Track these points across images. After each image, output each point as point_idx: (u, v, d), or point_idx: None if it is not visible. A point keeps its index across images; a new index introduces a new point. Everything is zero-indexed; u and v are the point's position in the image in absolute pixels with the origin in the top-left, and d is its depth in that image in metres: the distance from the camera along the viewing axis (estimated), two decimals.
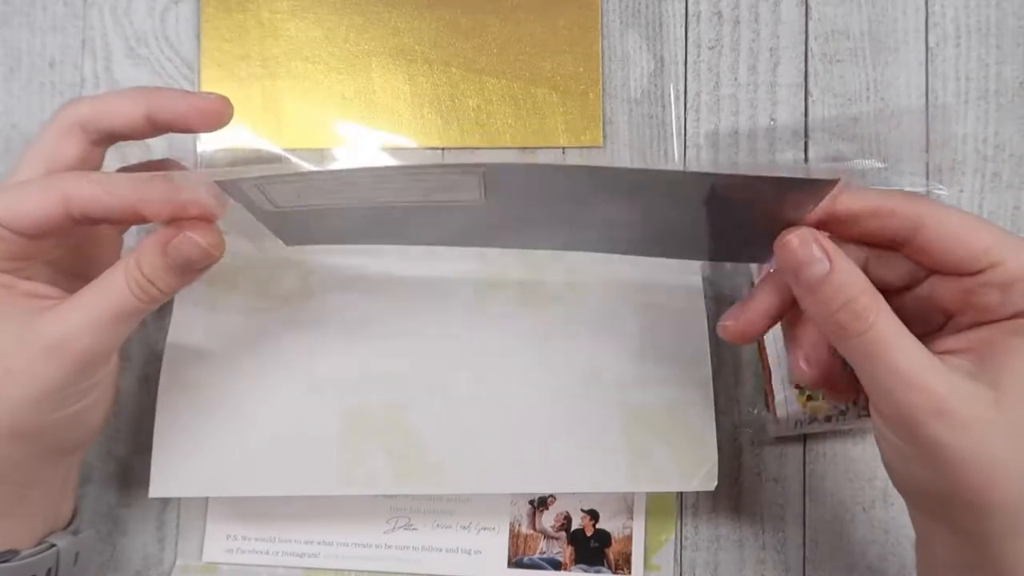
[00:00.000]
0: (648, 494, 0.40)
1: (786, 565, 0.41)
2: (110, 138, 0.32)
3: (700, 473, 0.38)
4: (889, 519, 0.41)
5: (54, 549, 0.32)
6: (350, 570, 0.40)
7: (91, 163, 0.32)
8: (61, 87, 0.41)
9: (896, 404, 0.28)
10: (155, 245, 0.30)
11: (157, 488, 0.37)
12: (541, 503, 0.40)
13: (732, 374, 0.41)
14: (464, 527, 0.40)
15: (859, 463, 0.41)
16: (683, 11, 0.42)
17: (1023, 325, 0.28)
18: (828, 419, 0.39)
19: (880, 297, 0.28)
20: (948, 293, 0.30)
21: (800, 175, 0.28)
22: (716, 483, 0.37)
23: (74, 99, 0.32)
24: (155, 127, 0.32)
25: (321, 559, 0.40)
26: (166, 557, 0.40)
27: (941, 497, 0.29)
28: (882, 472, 0.32)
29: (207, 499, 0.40)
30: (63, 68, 0.41)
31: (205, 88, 0.41)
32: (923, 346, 0.28)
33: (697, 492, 0.41)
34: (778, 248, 0.29)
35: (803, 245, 0.28)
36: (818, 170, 0.28)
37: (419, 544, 0.40)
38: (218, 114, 0.32)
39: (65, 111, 0.31)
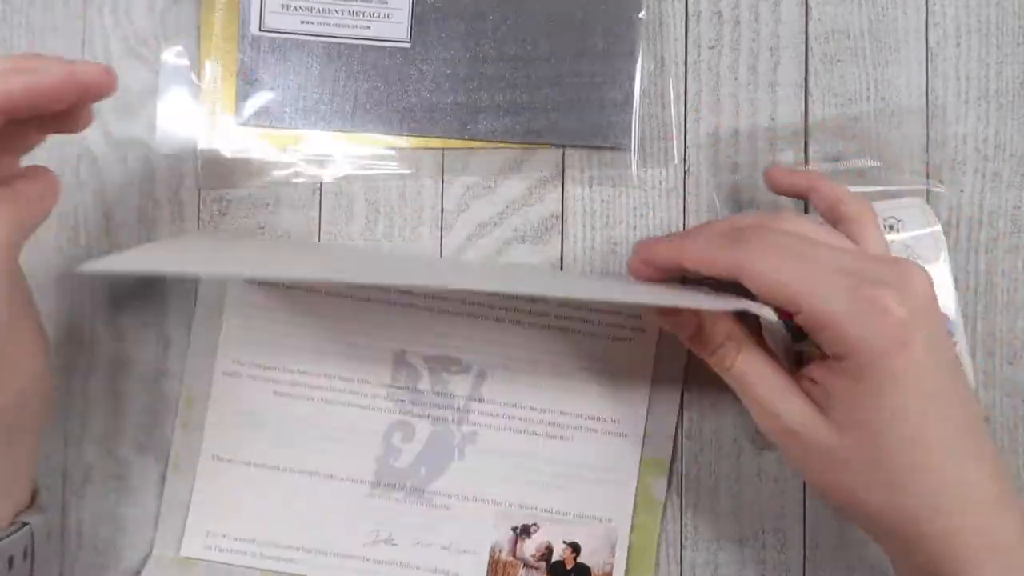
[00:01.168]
0: (631, 534, 0.40)
1: (786, 565, 0.41)
2: None
3: None
4: None
5: (27, 528, 0.33)
6: None
7: None
8: None
9: (762, 427, 0.33)
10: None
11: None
12: (524, 531, 0.40)
13: None
14: (444, 547, 0.39)
15: None
16: (683, 11, 0.42)
17: (847, 368, 0.30)
18: None
19: (745, 339, 0.34)
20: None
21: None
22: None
23: None
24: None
25: (298, 565, 0.39)
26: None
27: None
28: None
29: (191, 493, 0.40)
30: None
31: (203, 89, 0.41)
32: (786, 376, 0.33)
33: (698, 491, 0.41)
34: (658, 312, 0.36)
35: (676, 308, 0.34)
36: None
37: (397, 560, 0.39)
38: (99, 85, 0.31)
39: None
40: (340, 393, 0.40)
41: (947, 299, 0.39)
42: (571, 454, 0.40)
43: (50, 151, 0.40)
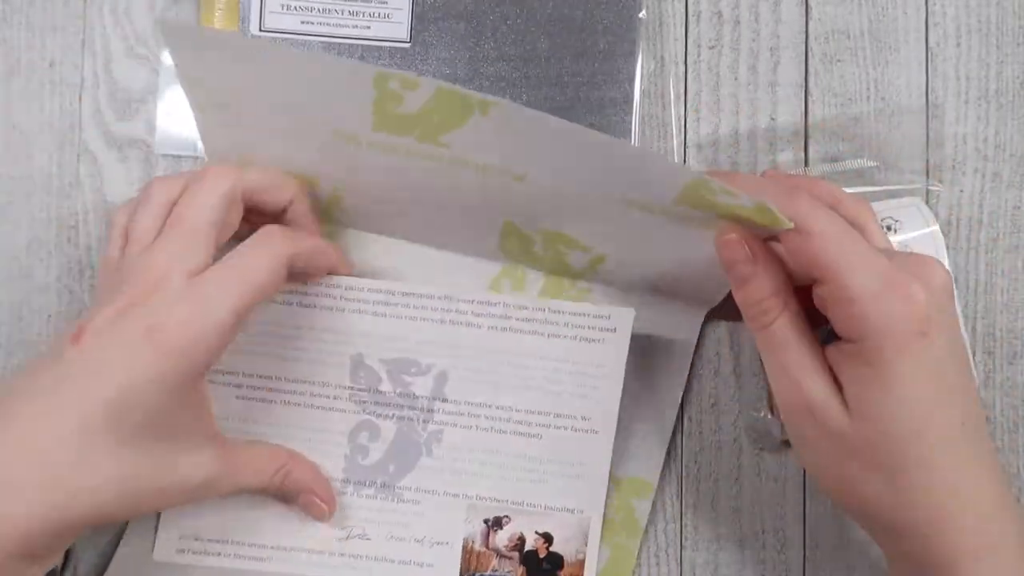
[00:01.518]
0: (604, 527, 0.40)
1: (786, 565, 0.41)
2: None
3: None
4: None
5: None
6: None
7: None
8: (61, 87, 0.41)
9: (779, 397, 0.32)
10: None
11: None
12: (496, 523, 0.40)
13: (733, 375, 0.41)
14: (418, 540, 0.39)
15: None
16: (683, 11, 0.42)
17: (864, 352, 0.30)
18: None
19: (790, 301, 0.32)
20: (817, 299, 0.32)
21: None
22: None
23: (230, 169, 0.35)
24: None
25: (273, 563, 0.39)
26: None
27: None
28: None
29: None
30: (63, 68, 0.41)
31: None
32: (819, 351, 0.31)
33: (697, 492, 0.41)
34: (718, 242, 0.33)
35: (737, 245, 0.32)
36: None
37: (372, 554, 0.39)
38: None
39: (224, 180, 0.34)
40: (302, 396, 0.39)
41: None
42: (540, 450, 0.39)
43: (51, 152, 0.40)
